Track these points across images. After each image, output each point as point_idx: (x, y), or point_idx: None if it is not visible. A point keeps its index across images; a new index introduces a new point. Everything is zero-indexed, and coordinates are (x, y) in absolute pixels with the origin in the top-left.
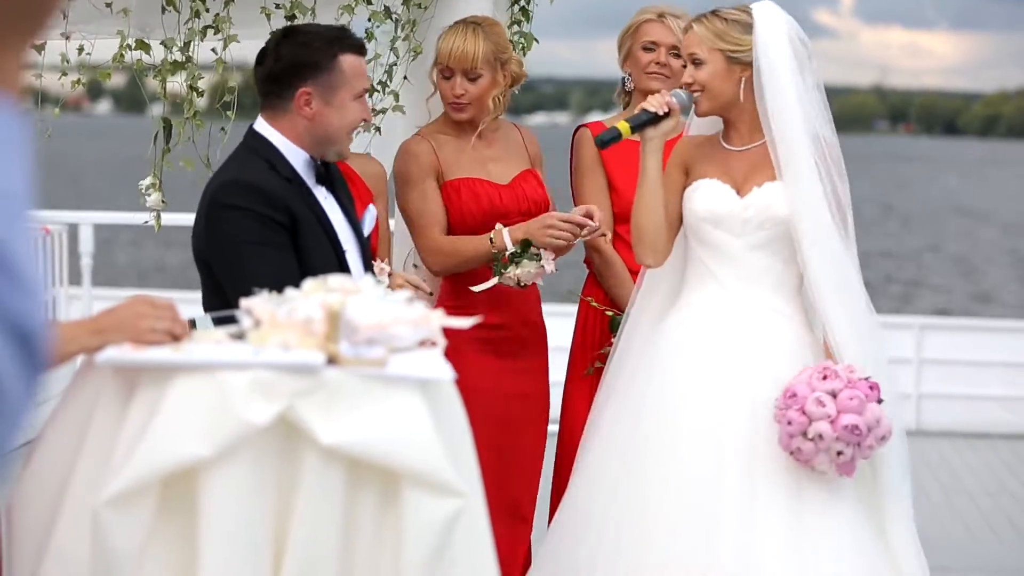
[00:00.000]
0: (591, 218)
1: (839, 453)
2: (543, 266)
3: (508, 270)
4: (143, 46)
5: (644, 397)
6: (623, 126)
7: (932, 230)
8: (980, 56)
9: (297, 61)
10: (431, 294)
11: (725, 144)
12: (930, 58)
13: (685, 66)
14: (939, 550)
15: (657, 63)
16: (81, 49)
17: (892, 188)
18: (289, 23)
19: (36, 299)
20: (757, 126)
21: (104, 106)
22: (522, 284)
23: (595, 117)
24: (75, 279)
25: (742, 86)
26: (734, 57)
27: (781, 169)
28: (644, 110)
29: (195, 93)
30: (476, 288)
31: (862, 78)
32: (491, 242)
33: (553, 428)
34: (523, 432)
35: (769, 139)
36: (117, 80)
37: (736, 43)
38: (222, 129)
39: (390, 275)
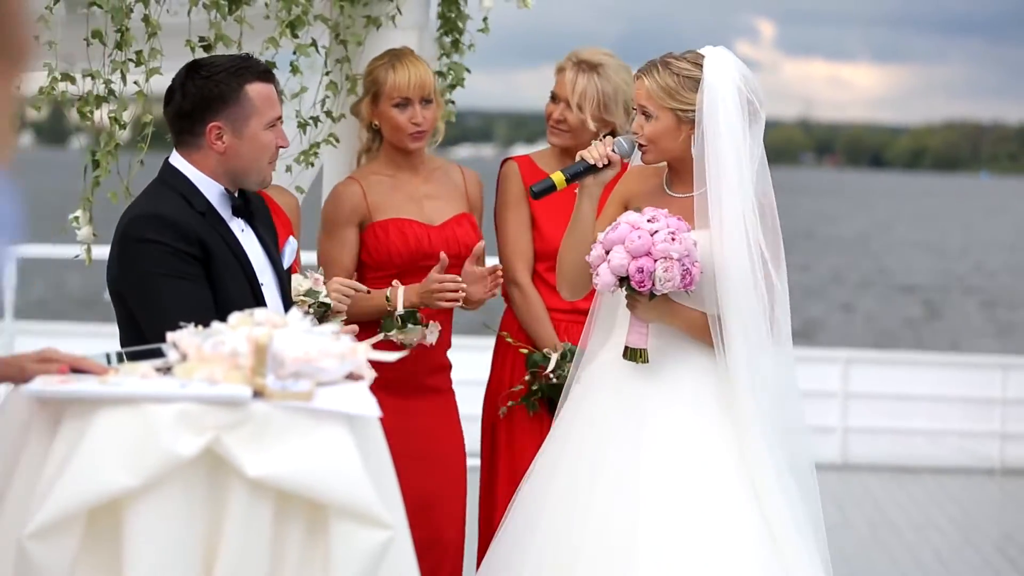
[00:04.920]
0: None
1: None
2: (425, 335)
3: (393, 332)
4: (68, 78)
5: (571, 436)
6: (558, 177)
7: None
8: (904, 88)
9: (204, 96)
10: (368, 291)
11: (668, 189)
12: (854, 90)
13: (628, 113)
14: None
15: (552, 116)
16: None
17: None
18: (205, 55)
19: None
20: (700, 174)
21: (26, 139)
22: (405, 346)
23: (520, 149)
24: None
25: (692, 143)
26: (683, 116)
27: (711, 216)
28: (582, 159)
29: (118, 125)
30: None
31: (786, 111)
32: (387, 299)
33: (475, 462)
34: (439, 468)
35: (700, 193)
36: (40, 112)
37: (687, 103)
38: (140, 162)
39: (326, 283)
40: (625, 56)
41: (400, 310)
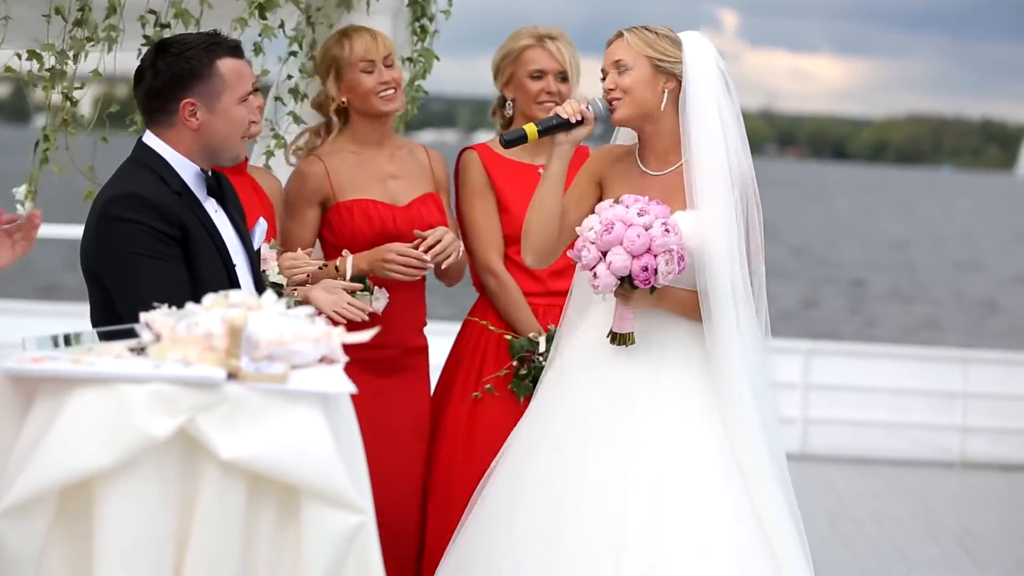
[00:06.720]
0: (438, 244)
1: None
2: (372, 304)
3: None
4: (35, 56)
5: (553, 419)
6: (530, 128)
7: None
8: (866, 81)
9: (175, 73)
10: (324, 266)
11: (642, 166)
12: (816, 83)
13: (604, 77)
14: None
15: (548, 92)
16: None
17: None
18: (163, 30)
19: None
20: (675, 147)
21: None
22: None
23: (483, 134)
24: None
25: (665, 97)
26: (661, 66)
27: (695, 193)
28: (556, 115)
29: (70, 103)
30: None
31: (749, 102)
32: (336, 268)
33: None
34: (404, 453)
35: (686, 160)
36: (1, 90)
37: (664, 52)
38: (103, 138)
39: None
40: (589, 42)
41: (348, 275)
